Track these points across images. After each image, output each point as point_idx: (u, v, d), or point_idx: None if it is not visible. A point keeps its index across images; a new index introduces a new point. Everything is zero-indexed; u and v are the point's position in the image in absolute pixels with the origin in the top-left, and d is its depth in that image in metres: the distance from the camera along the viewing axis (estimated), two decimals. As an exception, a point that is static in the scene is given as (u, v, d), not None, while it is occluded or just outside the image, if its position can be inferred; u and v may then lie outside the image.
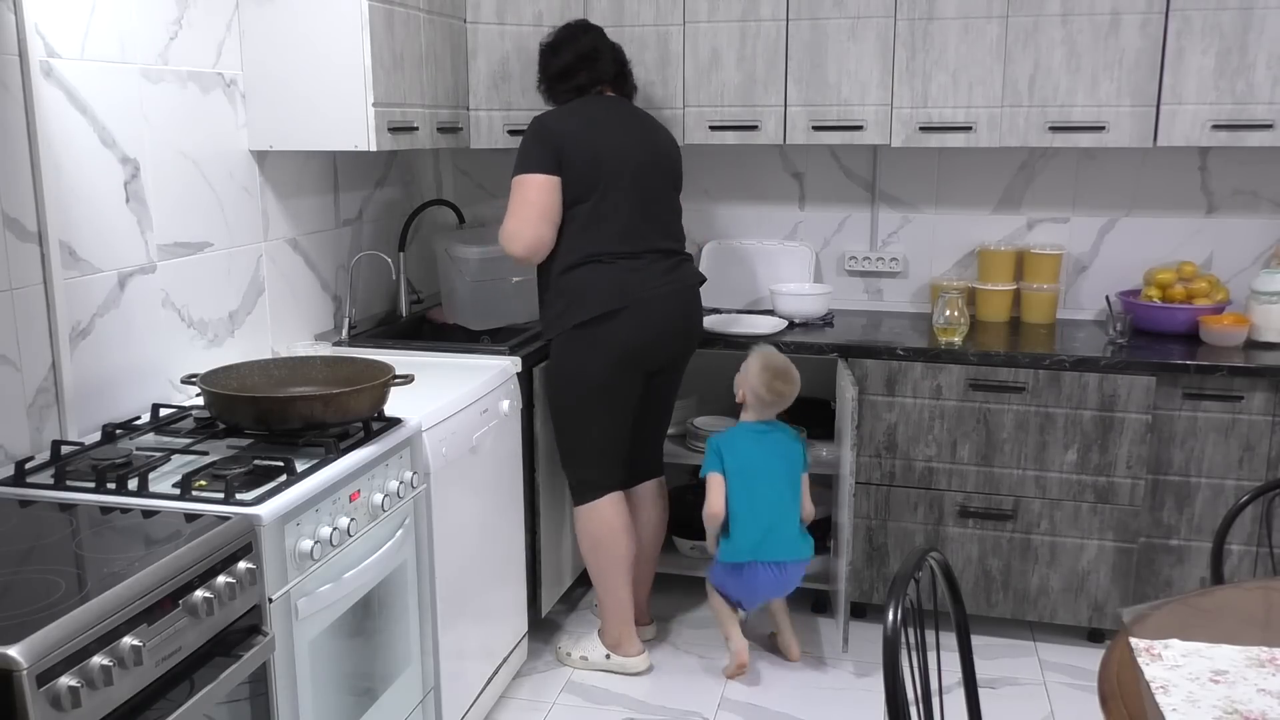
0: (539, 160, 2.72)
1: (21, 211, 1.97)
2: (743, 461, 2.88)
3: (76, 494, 1.80)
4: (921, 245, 3.54)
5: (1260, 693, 1.46)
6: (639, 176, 2.79)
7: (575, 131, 2.74)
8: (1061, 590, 3.03)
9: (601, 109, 2.85)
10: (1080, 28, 2.97)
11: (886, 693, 1.38)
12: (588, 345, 2.73)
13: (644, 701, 2.84)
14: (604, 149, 2.75)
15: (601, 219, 2.74)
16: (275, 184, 2.75)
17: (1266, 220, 3.27)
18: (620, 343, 2.73)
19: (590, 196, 2.73)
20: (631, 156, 2.79)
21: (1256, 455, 2.86)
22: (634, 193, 2.77)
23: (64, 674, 1.32)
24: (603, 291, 2.71)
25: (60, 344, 2.05)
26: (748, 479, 2.87)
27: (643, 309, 2.74)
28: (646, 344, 2.78)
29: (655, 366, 2.87)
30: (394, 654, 2.22)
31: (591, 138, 2.75)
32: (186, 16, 2.39)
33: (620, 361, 2.76)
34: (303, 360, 2.35)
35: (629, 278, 2.73)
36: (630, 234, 2.76)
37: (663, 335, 2.82)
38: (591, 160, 2.73)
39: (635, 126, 2.86)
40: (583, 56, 2.85)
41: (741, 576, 2.90)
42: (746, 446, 2.90)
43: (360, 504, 2.03)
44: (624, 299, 2.72)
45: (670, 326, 2.83)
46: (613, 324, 2.72)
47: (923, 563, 1.56)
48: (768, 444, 2.90)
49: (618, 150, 2.77)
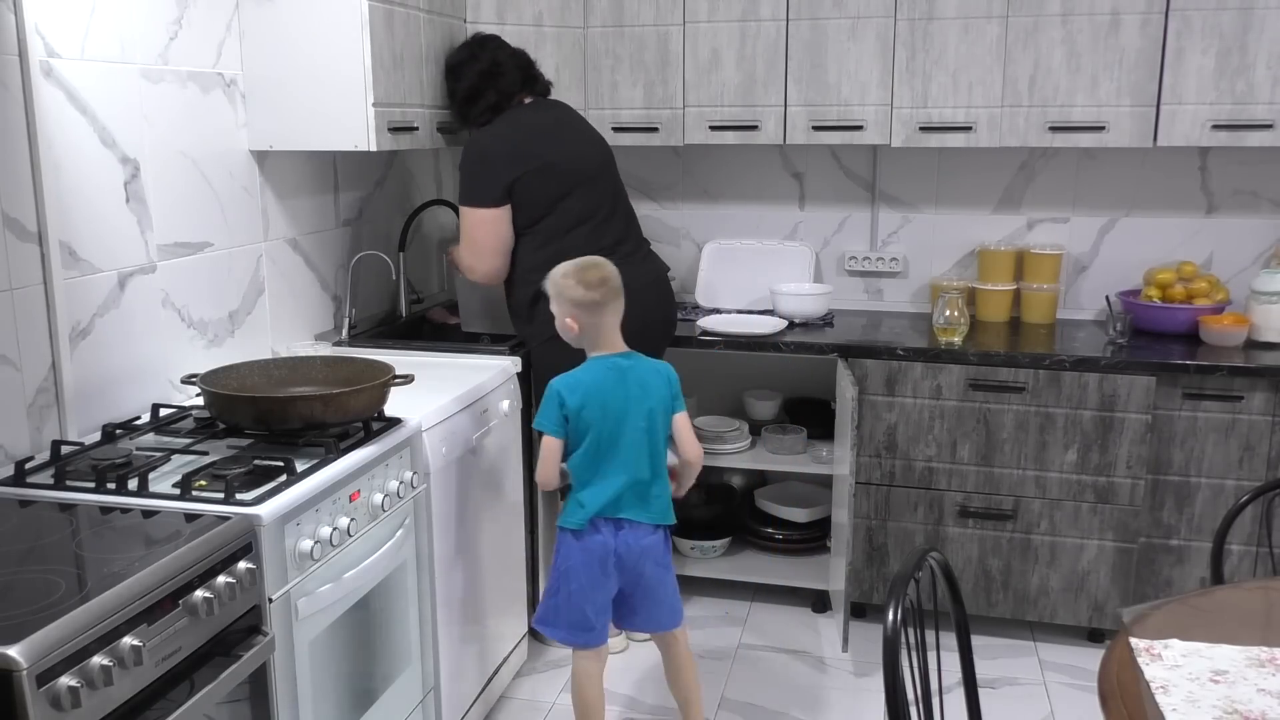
0: (485, 190, 2.74)
1: (21, 211, 1.97)
2: (593, 409, 2.32)
3: (76, 494, 1.80)
4: (921, 245, 3.54)
5: (1260, 693, 1.46)
6: (594, 176, 2.81)
7: (525, 147, 2.74)
8: (1061, 590, 3.03)
9: (536, 116, 2.85)
10: (1080, 28, 2.97)
11: (886, 693, 1.38)
12: (566, 350, 2.53)
13: (643, 701, 2.84)
14: (553, 158, 2.75)
15: (566, 226, 2.75)
16: (275, 184, 2.75)
17: (1266, 220, 3.27)
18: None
19: (553, 207, 2.75)
20: (581, 156, 2.81)
21: (1256, 455, 2.86)
22: (593, 193, 2.80)
23: (64, 674, 1.32)
24: None
25: (60, 344, 2.05)
26: (600, 432, 2.32)
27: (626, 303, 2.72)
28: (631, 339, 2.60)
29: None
30: (394, 654, 2.22)
31: (546, 146, 2.76)
32: (186, 16, 2.39)
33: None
34: (303, 360, 2.35)
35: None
36: (597, 233, 2.78)
37: (645, 326, 2.74)
38: (555, 168, 2.74)
39: (575, 125, 2.90)
40: (484, 74, 2.83)
41: (574, 556, 2.37)
42: (596, 393, 2.32)
43: (360, 504, 2.03)
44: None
45: (648, 317, 2.80)
46: None
47: (923, 563, 1.56)
48: (621, 386, 2.33)
49: (566, 155, 2.78)
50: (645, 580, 2.41)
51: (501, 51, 2.88)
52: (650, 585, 2.42)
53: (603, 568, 2.37)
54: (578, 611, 2.38)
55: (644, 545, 2.38)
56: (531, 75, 2.91)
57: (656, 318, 2.89)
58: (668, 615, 2.47)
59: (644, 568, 2.39)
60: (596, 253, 2.64)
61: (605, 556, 2.36)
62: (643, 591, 2.42)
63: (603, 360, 2.35)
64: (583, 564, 2.37)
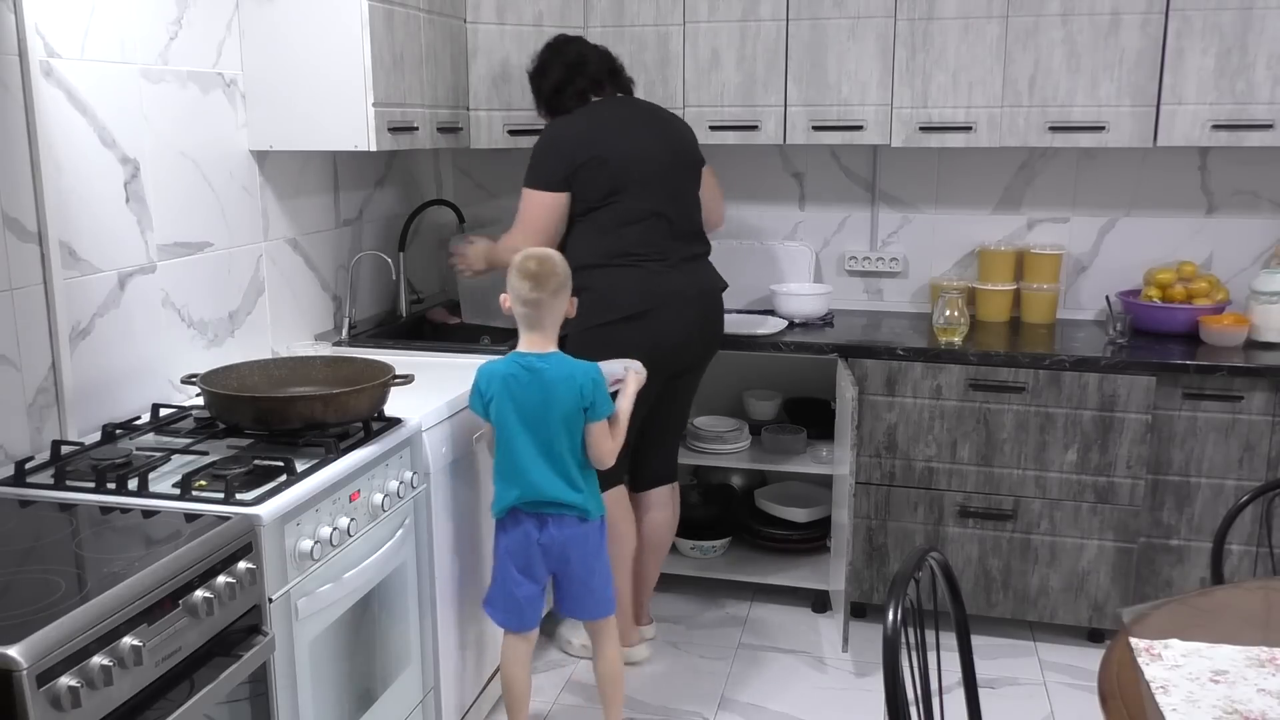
0: (548, 174, 2.73)
1: (21, 211, 1.97)
2: (500, 411, 2.35)
3: (76, 494, 1.80)
4: (921, 245, 3.54)
5: (1260, 693, 1.46)
6: (660, 176, 2.77)
7: (589, 137, 2.73)
8: (1061, 590, 3.03)
9: (610, 111, 2.84)
10: (1080, 28, 2.97)
11: (886, 693, 1.37)
12: (606, 344, 2.65)
13: (644, 701, 2.84)
14: (621, 151, 2.73)
15: (623, 222, 2.72)
16: (275, 184, 2.75)
17: (1266, 220, 3.27)
18: (641, 346, 2.66)
19: (610, 200, 2.72)
20: (651, 156, 2.77)
21: (1256, 455, 2.86)
22: (656, 194, 2.75)
23: (64, 674, 1.32)
24: (627, 294, 2.69)
25: (60, 344, 2.05)
26: (507, 432, 2.35)
27: (667, 313, 2.72)
28: (668, 348, 2.75)
29: (675, 370, 2.83)
30: (394, 654, 2.22)
31: (607, 141, 2.73)
32: (186, 16, 2.39)
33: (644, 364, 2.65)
34: (303, 360, 2.35)
35: (654, 281, 2.71)
36: (653, 236, 2.74)
37: (686, 340, 2.79)
38: (609, 164, 2.71)
39: (648, 123, 2.85)
40: (571, 66, 2.85)
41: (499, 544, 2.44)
42: (502, 394, 2.34)
43: (360, 504, 2.03)
44: (649, 302, 2.70)
45: (693, 331, 2.80)
46: (635, 326, 2.69)
47: (923, 563, 1.56)
48: (522, 393, 2.33)
49: (635, 151, 2.75)
50: (571, 569, 2.45)
51: (585, 46, 2.91)
52: (577, 574, 2.46)
53: (525, 558, 2.41)
54: (510, 597, 2.45)
55: (567, 536, 2.41)
56: (615, 69, 2.91)
57: (697, 333, 2.83)
58: (595, 604, 2.51)
59: (569, 556, 2.43)
60: (644, 255, 2.72)
61: (527, 547, 2.41)
62: (570, 579, 2.47)
63: (520, 357, 2.36)
64: (506, 552, 2.43)
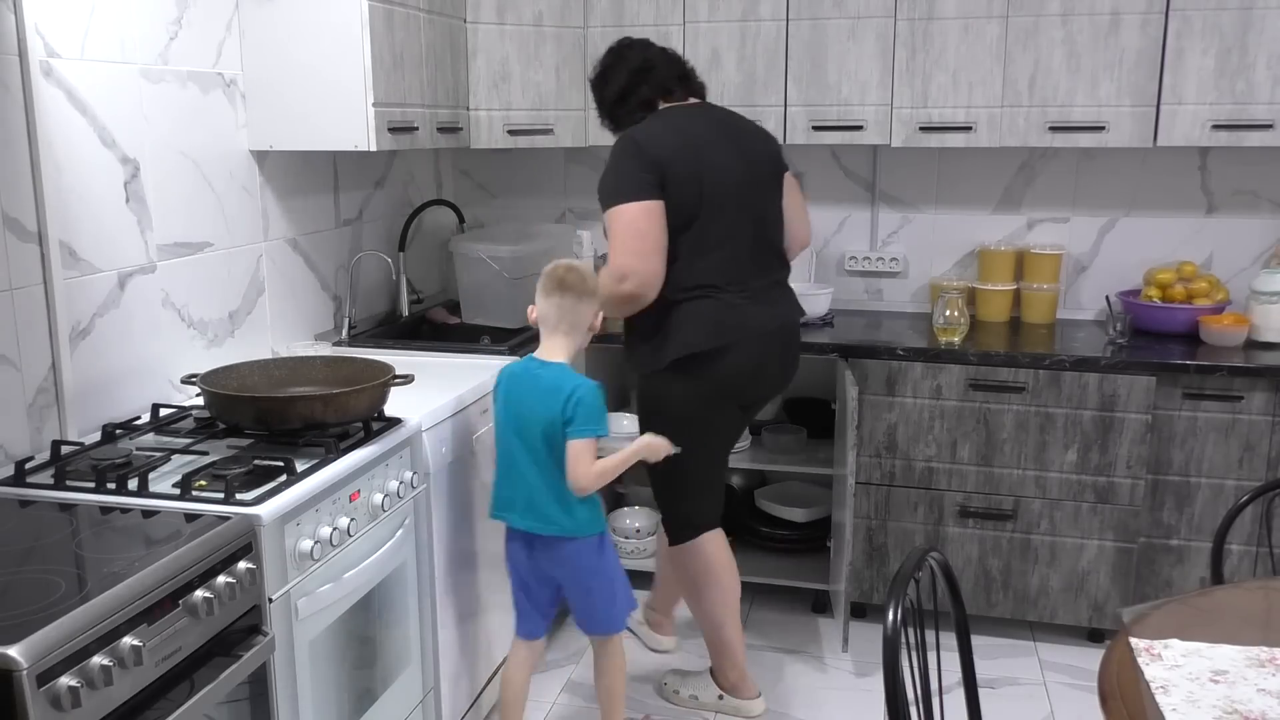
0: (640, 183, 2.42)
1: (21, 211, 1.97)
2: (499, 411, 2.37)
3: (76, 494, 1.80)
4: (921, 245, 3.54)
5: (1260, 693, 1.46)
6: (738, 196, 2.52)
7: (673, 147, 2.46)
8: (1061, 590, 3.03)
9: (687, 120, 2.57)
10: (1080, 28, 2.97)
11: (886, 693, 1.37)
12: (686, 380, 2.51)
13: (644, 702, 2.84)
14: (704, 167, 2.47)
15: (703, 249, 2.48)
16: (275, 184, 2.75)
17: (1266, 220, 3.27)
18: (721, 379, 2.52)
19: (691, 224, 2.47)
20: (732, 172, 2.51)
21: (1256, 455, 2.86)
22: (737, 216, 2.52)
23: (64, 674, 1.31)
24: (705, 328, 2.49)
25: (60, 344, 2.05)
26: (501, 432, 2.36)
27: (746, 347, 2.53)
28: (747, 382, 2.59)
29: (751, 401, 2.70)
30: (394, 654, 2.22)
31: (690, 155, 2.47)
32: (186, 16, 2.39)
33: (719, 397, 2.56)
34: (303, 360, 2.35)
35: (732, 314, 2.50)
36: (734, 264, 2.52)
37: (763, 372, 2.61)
38: (693, 182, 2.45)
39: (726, 134, 2.57)
40: (636, 71, 2.61)
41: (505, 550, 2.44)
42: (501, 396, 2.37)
43: (360, 504, 2.03)
44: (727, 337, 2.50)
45: (772, 366, 2.63)
46: (714, 361, 2.50)
47: (923, 563, 1.56)
48: (512, 397, 2.34)
49: (717, 168, 2.49)
50: (566, 588, 2.42)
51: (651, 49, 2.66)
52: (573, 593, 2.43)
53: (516, 570, 2.42)
54: (517, 603, 2.47)
55: (553, 556, 2.36)
56: (685, 73, 2.67)
57: (776, 367, 2.65)
58: (593, 623, 2.47)
59: (558, 576, 2.40)
60: (720, 285, 2.49)
61: (518, 561, 2.40)
62: (569, 596, 2.44)
63: (529, 359, 2.37)
64: (507, 562, 2.45)
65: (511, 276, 3.18)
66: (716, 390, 2.54)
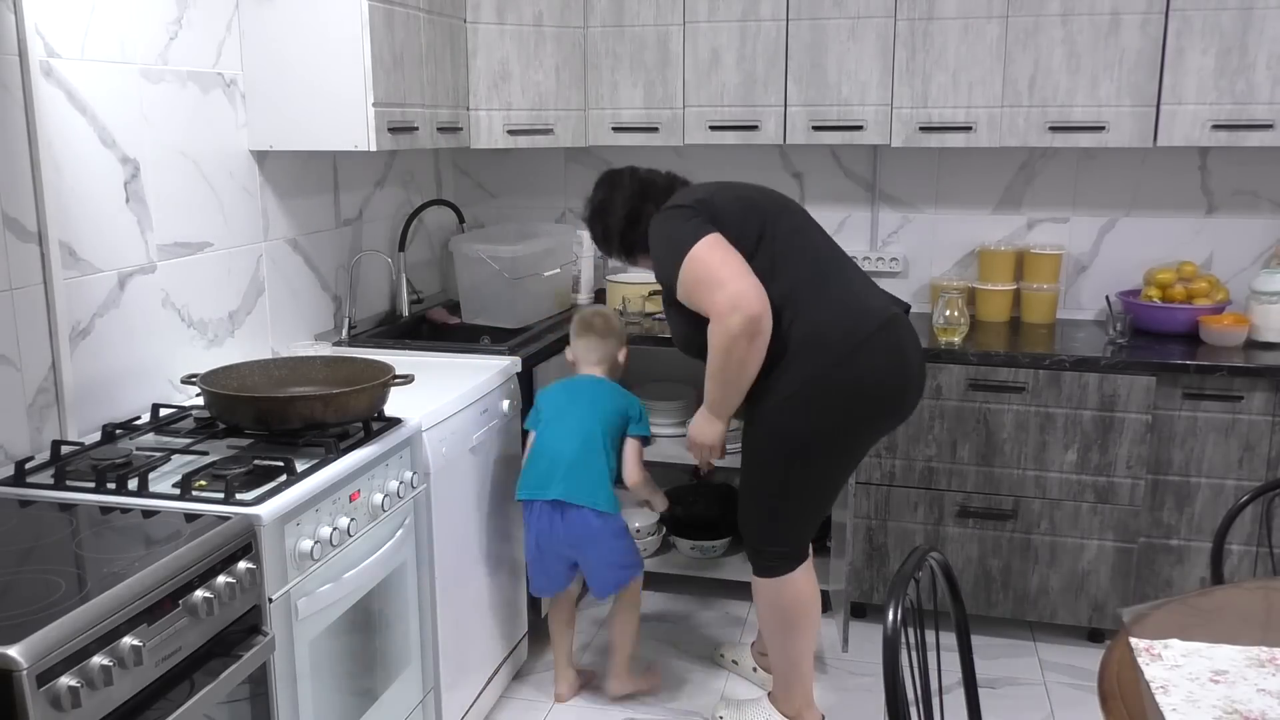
0: (692, 228, 2.26)
1: (21, 211, 1.97)
2: (548, 407, 2.70)
3: (76, 494, 1.80)
4: (921, 245, 3.54)
5: (1260, 693, 1.46)
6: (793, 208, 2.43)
7: (706, 191, 2.39)
8: (1061, 590, 3.03)
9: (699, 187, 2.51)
10: (1080, 28, 2.97)
11: (886, 693, 1.37)
12: (826, 395, 2.27)
13: (644, 701, 2.84)
14: (745, 194, 2.39)
15: (783, 254, 2.30)
16: (275, 184, 2.75)
17: (1266, 220, 3.27)
18: (871, 381, 2.28)
19: (760, 241, 2.29)
20: (772, 197, 2.43)
21: (1256, 455, 2.86)
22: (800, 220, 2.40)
23: (64, 674, 1.32)
24: (834, 321, 2.26)
25: (60, 344, 2.05)
26: (549, 422, 2.67)
27: (886, 335, 2.28)
28: (899, 380, 2.33)
29: (899, 411, 2.40)
30: (394, 654, 2.22)
31: (726, 191, 2.40)
32: (186, 16, 2.39)
33: (867, 404, 2.31)
34: (303, 360, 2.35)
35: (855, 298, 2.30)
36: (823, 253, 2.35)
37: (912, 366, 2.35)
38: (742, 206, 2.33)
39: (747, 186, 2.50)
40: (637, 195, 2.53)
41: (529, 528, 2.68)
42: (554, 393, 2.73)
43: (360, 504, 2.03)
44: (866, 323, 2.26)
45: (916, 356, 2.37)
46: (859, 361, 2.26)
47: (923, 563, 1.56)
48: (573, 389, 2.71)
49: (756, 192, 2.43)
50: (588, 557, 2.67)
51: (638, 171, 2.60)
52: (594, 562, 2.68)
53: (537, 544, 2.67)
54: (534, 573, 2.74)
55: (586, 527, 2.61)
56: (681, 178, 2.61)
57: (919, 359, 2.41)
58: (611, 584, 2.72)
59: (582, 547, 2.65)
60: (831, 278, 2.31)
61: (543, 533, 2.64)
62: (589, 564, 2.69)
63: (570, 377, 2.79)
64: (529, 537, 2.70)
65: (511, 276, 3.18)
66: (870, 396, 2.30)
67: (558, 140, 3.32)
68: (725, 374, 2.28)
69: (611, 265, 3.64)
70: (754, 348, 2.22)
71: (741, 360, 2.23)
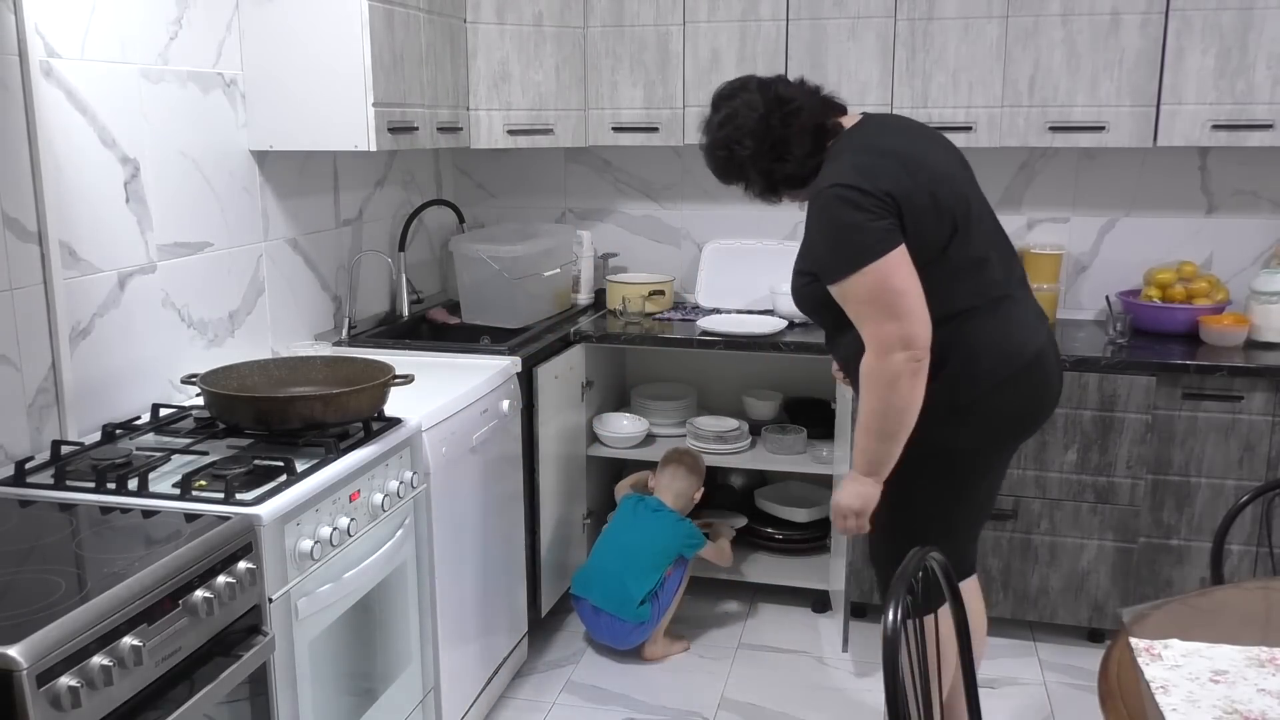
0: (879, 234, 1.92)
1: (21, 211, 1.97)
2: (619, 516, 3.15)
3: (76, 494, 1.80)
4: (921, 245, 3.53)
5: (1260, 693, 1.46)
6: (973, 192, 2.11)
7: (895, 173, 1.97)
8: (1061, 590, 3.03)
9: (879, 137, 2.11)
10: (1080, 28, 2.97)
11: (886, 693, 1.37)
12: (968, 416, 2.06)
13: (644, 701, 2.84)
14: (936, 184, 2.00)
15: (962, 263, 2.04)
16: (275, 184, 2.75)
17: (1266, 220, 3.27)
18: (1017, 409, 2.11)
19: (944, 241, 2.01)
20: (956, 180, 2.08)
21: (1256, 455, 2.86)
22: (979, 213, 2.09)
23: (64, 674, 1.32)
24: (993, 351, 2.04)
25: (60, 344, 2.05)
26: (610, 531, 3.12)
27: (1039, 364, 2.10)
28: (1041, 407, 2.17)
29: (1032, 433, 2.24)
30: (394, 654, 2.22)
31: (912, 168, 1.99)
32: (186, 16, 2.39)
33: (1012, 431, 2.16)
34: (303, 360, 2.35)
35: (1015, 328, 2.08)
36: (994, 266, 2.08)
37: (1052, 394, 2.18)
38: (934, 204, 1.98)
39: (924, 135, 2.18)
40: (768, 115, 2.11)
41: (581, 620, 3.14)
42: (626, 505, 3.14)
43: (360, 504, 2.03)
44: (1021, 355, 2.06)
45: (1057, 384, 2.20)
46: (1008, 387, 2.07)
47: (923, 563, 1.56)
48: (639, 510, 3.10)
49: (944, 176, 2.04)
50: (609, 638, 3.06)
51: (764, 81, 2.18)
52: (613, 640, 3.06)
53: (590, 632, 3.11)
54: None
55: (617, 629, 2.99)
56: (823, 93, 2.20)
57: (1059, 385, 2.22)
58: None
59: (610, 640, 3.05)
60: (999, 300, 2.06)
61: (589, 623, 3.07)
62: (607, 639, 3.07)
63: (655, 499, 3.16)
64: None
65: (511, 276, 3.18)
66: (1015, 424, 2.14)
67: (558, 140, 3.32)
68: (885, 421, 1.99)
69: (612, 266, 3.64)
70: (917, 385, 1.96)
71: (905, 405, 1.97)
